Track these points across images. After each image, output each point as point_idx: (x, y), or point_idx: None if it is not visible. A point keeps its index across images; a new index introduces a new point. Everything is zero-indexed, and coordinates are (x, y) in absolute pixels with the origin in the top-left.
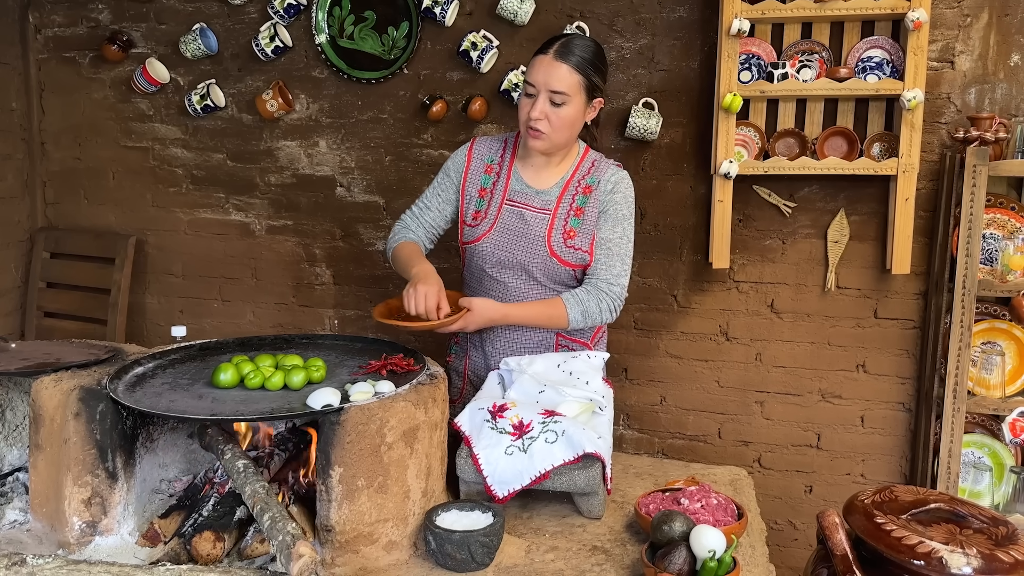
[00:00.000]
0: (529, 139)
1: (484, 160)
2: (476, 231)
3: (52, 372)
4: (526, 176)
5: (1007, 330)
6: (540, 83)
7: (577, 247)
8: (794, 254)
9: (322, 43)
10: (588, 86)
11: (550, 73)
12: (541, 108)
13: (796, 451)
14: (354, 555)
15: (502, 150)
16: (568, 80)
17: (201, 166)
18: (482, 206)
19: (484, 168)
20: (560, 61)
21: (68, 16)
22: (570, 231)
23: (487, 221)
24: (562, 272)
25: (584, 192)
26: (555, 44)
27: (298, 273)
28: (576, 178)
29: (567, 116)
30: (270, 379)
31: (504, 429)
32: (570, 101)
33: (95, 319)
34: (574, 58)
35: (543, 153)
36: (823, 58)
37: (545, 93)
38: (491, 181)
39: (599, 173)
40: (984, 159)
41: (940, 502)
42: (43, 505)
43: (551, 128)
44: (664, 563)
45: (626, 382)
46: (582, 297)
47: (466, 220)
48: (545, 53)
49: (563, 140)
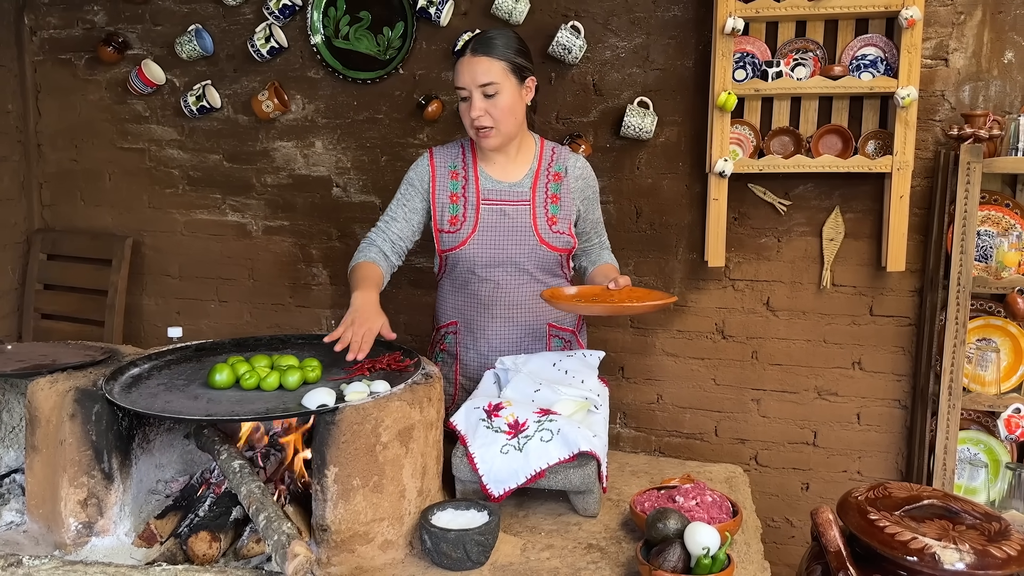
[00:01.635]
0: (480, 140)
1: (447, 167)
2: (458, 236)
3: (48, 374)
4: (493, 173)
5: (1002, 326)
6: (468, 83)
7: (561, 231)
8: (789, 252)
9: (317, 43)
10: (513, 68)
11: (474, 69)
12: (479, 106)
13: (792, 448)
14: (350, 554)
15: (461, 154)
16: (492, 69)
17: (197, 167)
18: (457, 211)
19: (449, 174)
20: (478, 55)
21: (64, 18)
22: (552, 217)
23: (468, 224)
24: (551, 258)
25: (555, 179)
26: (470, 44)
27: (295, 273)
28: (543, 167)
29: (505, 104)
30: (265, 379)
31: (500, 428)
32: (502, 88)
33: (92, 321)
34: (490, 47)
35: (497, 149)
36: (817, 56)
37: (477, 90)
38: (460, 185)
39: (563, 160)
40: (978, 156)
41: (933, 498)
42: (39, 506)
43: (495, 120)
44: (659, 560)
45: (623, 380)
46: (613, 257)
47: (442, 228)
48: (463, 55)
49: (511, 128)
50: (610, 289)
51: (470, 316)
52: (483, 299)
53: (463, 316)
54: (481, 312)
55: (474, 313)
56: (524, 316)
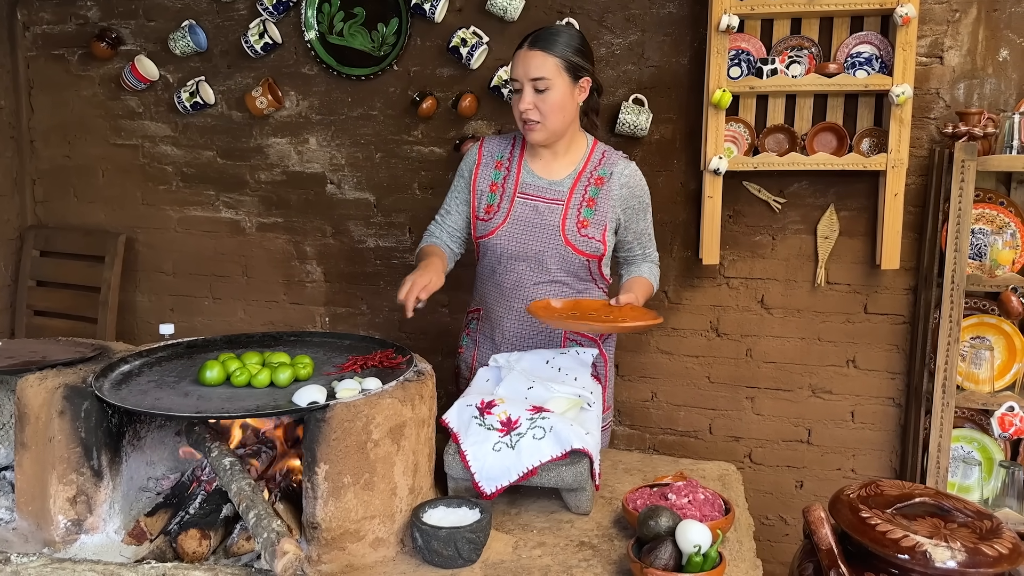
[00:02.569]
0: (526, 132)
1: (494, 156)
2: (490, 224)
3: (37, 370)
4: (536, 169)
5: (996, 325)
6: (521, 75)
7: (591, 236)
8: (784, 250)
9: (312, 40)
10: (568, 67)
11: (528, 63)
12: (529, 99)
13: (787, 446)
14: (340, 552)
15: (511, 147)
16: (545, 64)
17: (191, 163)
18: (494, 200)
19: (495, 164)
20: (534, 49)
21: (56, 13)
22: (583, 221)
23: (500, 214)
24: (576, 262)
25: (596, 183)
26: (529, 37)
27: (289, 271)
28: (588, 169)
29: (554, 100)
30: (256, 376)
31: (492, 425)
32: (553, 84)
33: (85, 317)
34: (547, 43)
35: (543, 144)
36: (812, 54)
37: (528, 84)
38: (502, 176)
39: (610, 165)
40: (972, 154)
41: (925, 496)
42: (29, 504)
43: (542, 115)
44: (650, 558)
45: (617, 378)
46: (655, 271)
47: (479, 215)
48: (521, 48)
49: (558, 126)
50: (611, 305)
51: (491, 305)
52: (505, 290)
53: (486, 304)
54: (501, 303)
55: (495, 303)
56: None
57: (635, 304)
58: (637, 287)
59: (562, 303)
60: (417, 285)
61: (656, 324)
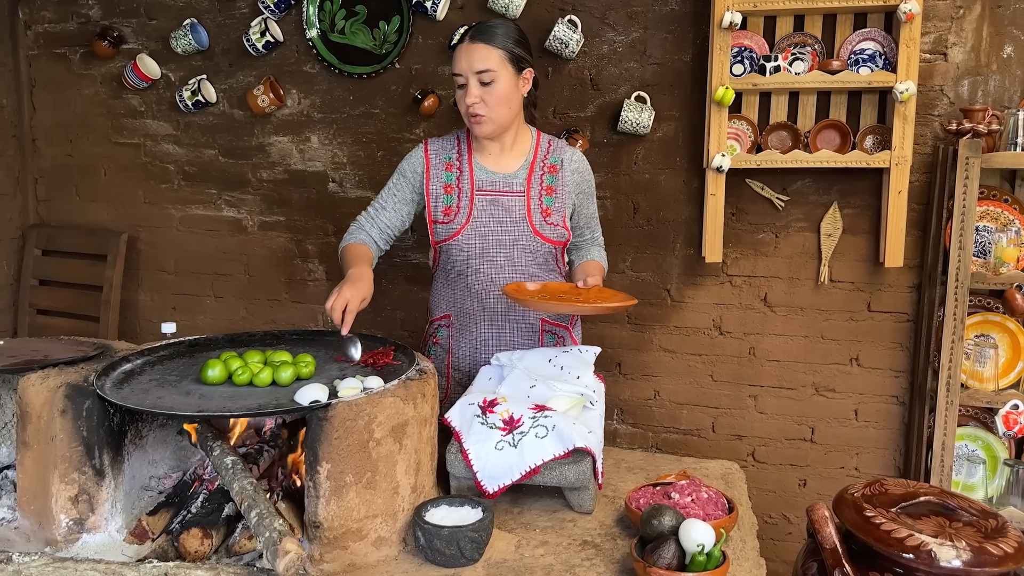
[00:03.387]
0: (473, 126)
1: (442, 158)
2: (451, 227)
3: (39, 369)
4: (488, 164)
5: (1000, 323)
6: (465, 69)
7: (555, 224)
8: (787, 248)
9: (313, 38)
10: (511, 58)
11: (472, 56)
12: (475, 92)
13: (790, 445)
14: (342, 551)
15: (456, 146)
16: (489, 56)
17: (193, 162)
18: (451, 202)
19: (444, 166)
20: (477, 42)
21: (58, 12)
22: (547, 209)
23: (461, 215)
24: (545, 250)
25: (550, 171)
26: (470, 31)
27: (291, 269)
28: (539, 159)
29: (500, 92)
30: (258, 375)
31: (494, 424)
32: (498, 76)
33: (88, 316)
34: (489, 35)
35: (490, 137)
36: (815, 51)
37: (474, 77)
38: (454, 177)
39: (559, 153)
40: (977, 151)
41: (930, 495)
42: (31, 503)
43: (489, 108)
44: (653, 557)
45: (620, 376)
46: (603, 255)
47: (437, 219)
48: (462, 42)
49: (504, 118)
50: (579, 288)
51: (463, 309)
52: (476, 292)
53: (456, 309)
54: (474, 305)
55: (467, 306)
56: (517, 311)
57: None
58: (594, 270)
59: (535, 286)
60: (354, 304)
61: (628, 306)
